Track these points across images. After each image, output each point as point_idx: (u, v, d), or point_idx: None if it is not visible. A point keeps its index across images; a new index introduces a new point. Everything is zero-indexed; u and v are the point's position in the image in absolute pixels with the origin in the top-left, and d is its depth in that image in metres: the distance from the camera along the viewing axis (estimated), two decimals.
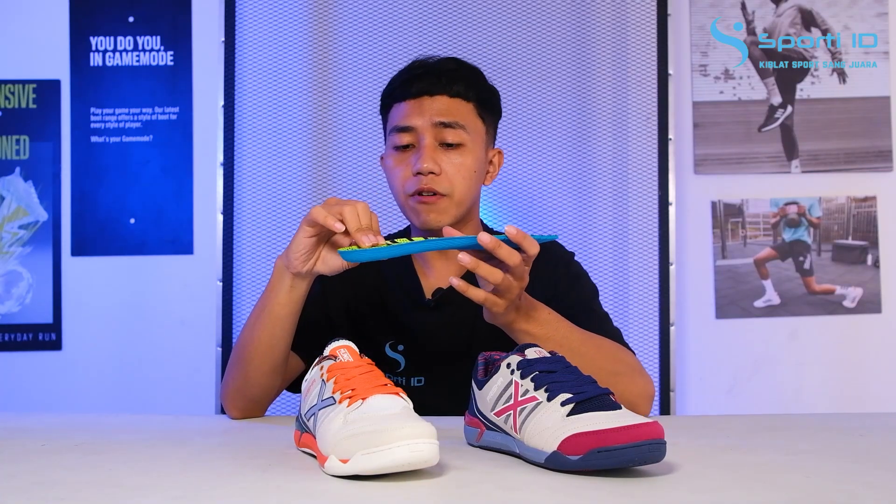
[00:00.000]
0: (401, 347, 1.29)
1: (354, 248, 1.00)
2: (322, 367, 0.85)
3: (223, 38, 2.14)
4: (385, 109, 1.31)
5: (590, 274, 1.35)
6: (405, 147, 1.24)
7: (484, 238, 0.95)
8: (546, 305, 1.11)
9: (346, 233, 1.02)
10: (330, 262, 1.07)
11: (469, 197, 1.26)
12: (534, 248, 0.98)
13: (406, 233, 1.38)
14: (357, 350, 0.87)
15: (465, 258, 0.97)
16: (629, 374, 1.15)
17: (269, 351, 1.13)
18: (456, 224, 1.24)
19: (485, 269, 0.97)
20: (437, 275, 1.32)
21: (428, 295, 1.30)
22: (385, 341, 1.29)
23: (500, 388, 0.85)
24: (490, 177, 1.32)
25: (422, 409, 0.82)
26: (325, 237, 1.06)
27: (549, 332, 1.08)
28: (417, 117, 1.23)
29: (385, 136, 1.32)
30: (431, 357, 1.28)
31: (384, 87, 1.32)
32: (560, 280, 1.31)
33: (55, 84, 2.29)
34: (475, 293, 1.00)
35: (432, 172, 1.21)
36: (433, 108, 1.23)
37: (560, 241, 1.39)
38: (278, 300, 1.09)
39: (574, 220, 2.18)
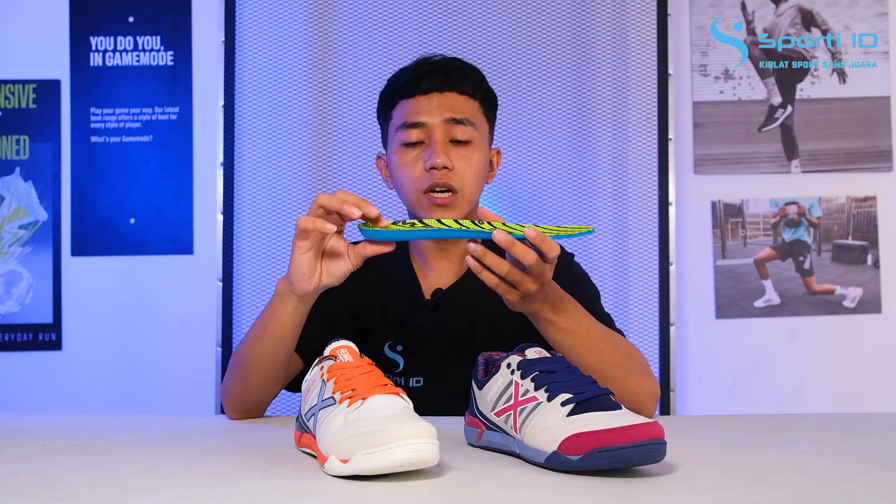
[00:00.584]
0: (400, 348, 1.29)
1: (372, 226, 0.99)
2: (322, 368, 0.85)
3: (223, 38, 2.13)
4: (388, 107, 1.30)
5: (590, 274, 1.35)
6: (413, 144, 1.25)
7: (499, 236, 0.94)
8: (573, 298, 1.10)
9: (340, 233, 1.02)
10: (333, 271, 1.05)
11: (477, 194, 1.27)
12: (553, 251, 0.97)
13: None
14: (357, 350, 0.87)
15: (473, 246, 0.96)
16: (640, 373, 1.15)
17: (271, 365, 1.13)
18: None
19: (491, 259, 0.97)
20: (437, 275, 1.32)
21: (427, 295, 1.30)
22: (384, 341, 1.29)
23: (500, 388, 0.85)
24: (491, 176, 1.33)
25: (421, 409, 0.82)
26: (320, 248, 1.04)
27: (572, 324, 1.07)
28: (428, 113, 1.24)
29: (386, 134, 1.32)
30: (430, 357, 1.27)
31: (384, 86, 1.32)
32: (561, 281, 1.30)
33: (55, 84, 2.28)
34: (488, 277, 0.99)
35: (446, 168, 1.21)
36: (444, 105, 1.24)
37: (560, 242, 1.39)
38: (281, 321, 1.08)
39: (574, 220, 2.18)
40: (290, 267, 1.04)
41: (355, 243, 1.07)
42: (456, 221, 1.02)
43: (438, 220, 1.02)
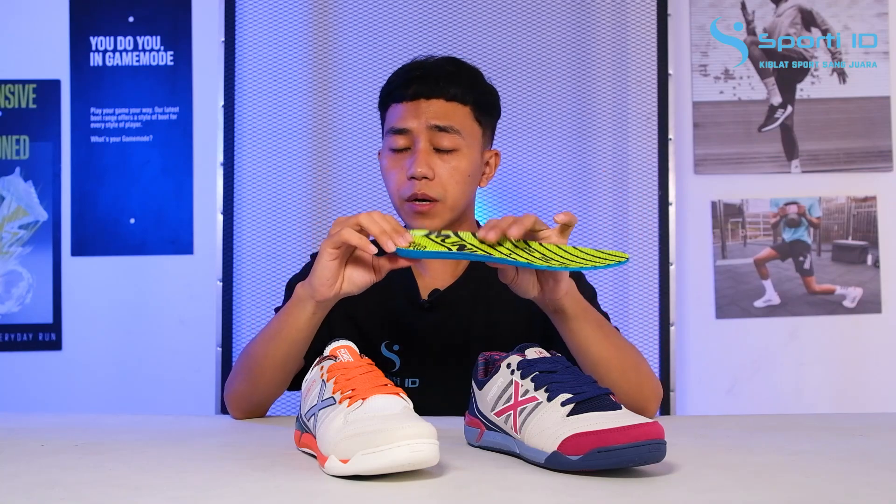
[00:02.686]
0: (396, 347, 1.29)
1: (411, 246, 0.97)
2: (322, 368, 0.85)
3: (223, 38, 2.13)
4: (383, 108, 1.31)
5: (590, 274, 1.35)
6: (400, 150, 1.25)
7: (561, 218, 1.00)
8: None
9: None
10: (356, 280, 1.04)
11: (462, 201, 1.26)
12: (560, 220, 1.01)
13: None
14: (357, 350, 0.87)
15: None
16: (647, 370, 1.17)
17: (282, 367, 1.14)
18: (450, 226, 1.24)
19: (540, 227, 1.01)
20: (434, 275, 1.32)
21: (424, 295, 1.30)
22: (381, 341, 1.29)
23: (500, 388, 0.85)
24: (486, 178, 1.32)
25: (417, 410, 0.82)
26: (346, 256, 1.03)
27: (590, 313, 1.09)
28: (412, 120, 1.23)
29: (383, 133, 1.32)
30: (427, 358, 1.27)
31: (384, 85, 1.32)
32: None
33: (55, 84, 2.28)
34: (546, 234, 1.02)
35: (425, 177, 1.21)
36: (429, 112, 1.23)
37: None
38: (297, 325, 1.08)
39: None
40: (314, 271, 1.03)
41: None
42: (498, 243, 0.98)
43: (473, 235, 1.00)
